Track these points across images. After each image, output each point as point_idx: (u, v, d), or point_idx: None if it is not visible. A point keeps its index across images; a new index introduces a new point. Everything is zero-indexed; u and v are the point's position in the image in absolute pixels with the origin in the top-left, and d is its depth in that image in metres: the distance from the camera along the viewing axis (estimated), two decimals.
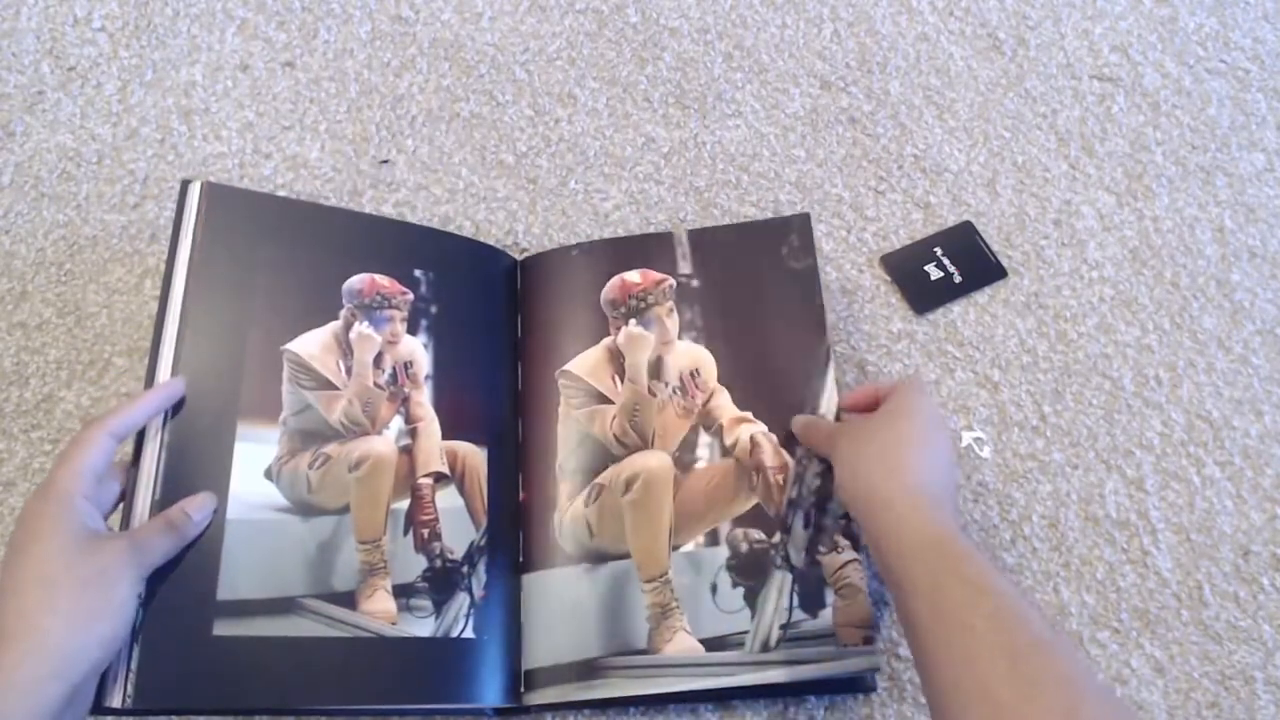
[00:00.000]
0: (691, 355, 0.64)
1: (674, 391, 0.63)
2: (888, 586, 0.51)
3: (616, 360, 0.64)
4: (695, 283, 0.66)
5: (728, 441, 0.62)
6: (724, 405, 0.63)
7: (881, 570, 0.50)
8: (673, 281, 0.66)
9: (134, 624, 0.47)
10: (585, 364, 0.64)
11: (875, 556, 0.51)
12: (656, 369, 0.64)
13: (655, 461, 0.61)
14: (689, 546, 0.60)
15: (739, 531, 0.60)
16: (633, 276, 0.66)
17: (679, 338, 0.65)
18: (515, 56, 0.80)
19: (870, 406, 0.59)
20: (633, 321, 0.64)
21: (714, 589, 0.59)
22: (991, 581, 0.44)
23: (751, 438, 0.61)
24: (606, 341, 0.64)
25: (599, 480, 0.61)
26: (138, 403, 0.51)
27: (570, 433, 0.62)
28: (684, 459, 0.62)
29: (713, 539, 0.60)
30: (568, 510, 0.60)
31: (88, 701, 0.46)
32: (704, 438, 0.62)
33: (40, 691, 0.41)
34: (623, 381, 0.63)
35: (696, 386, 0.63)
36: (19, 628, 0.42)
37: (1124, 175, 0.78)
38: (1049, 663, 0.40)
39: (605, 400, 0.63)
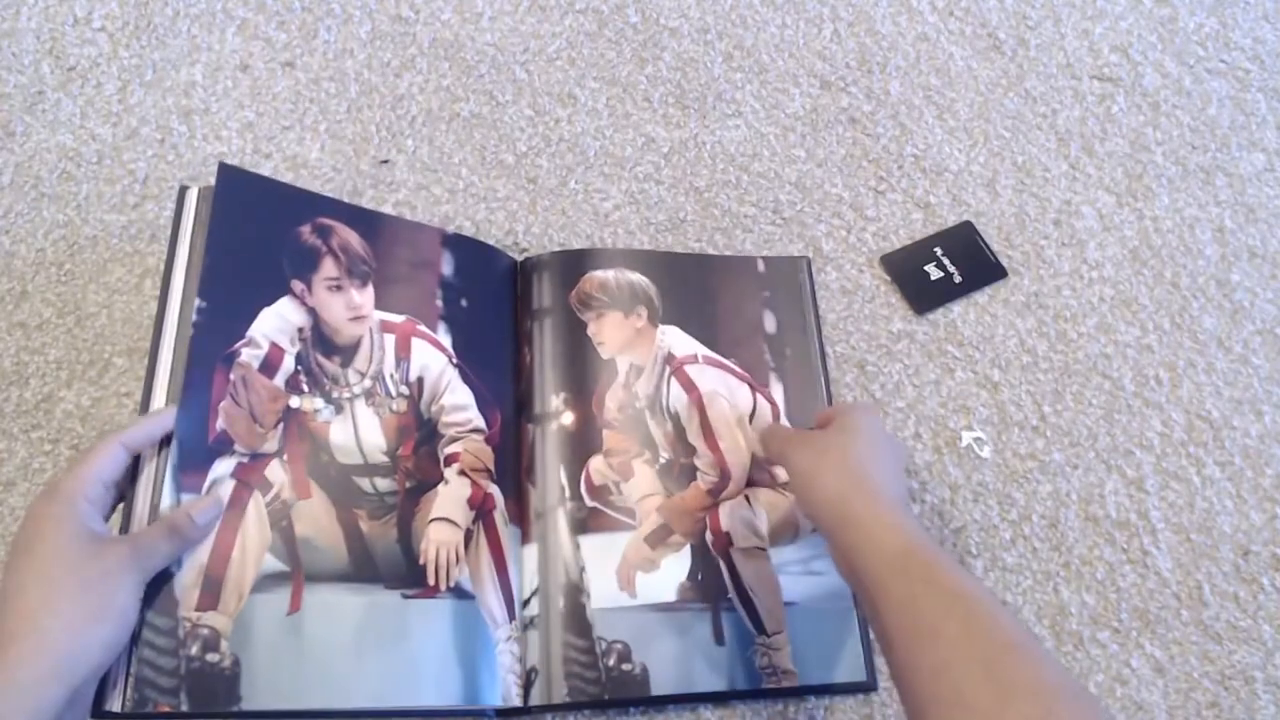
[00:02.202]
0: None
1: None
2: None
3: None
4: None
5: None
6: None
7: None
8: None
9: (134, 628, 0.47)
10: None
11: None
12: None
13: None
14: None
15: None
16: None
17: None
18: (515, 56, 0.80)
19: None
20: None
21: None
22: (964, 586, 0.44)
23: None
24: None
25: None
26: (155, 418, 0.51)
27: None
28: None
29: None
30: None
31: (87, 704, 0.46)
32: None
33: (41, 693, 0.41)
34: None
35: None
36: (21, 628, 0.42)
37: (1124, 175, 0.78)
38: (1023, 666, 0.40)
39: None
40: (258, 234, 0.58)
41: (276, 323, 0.57)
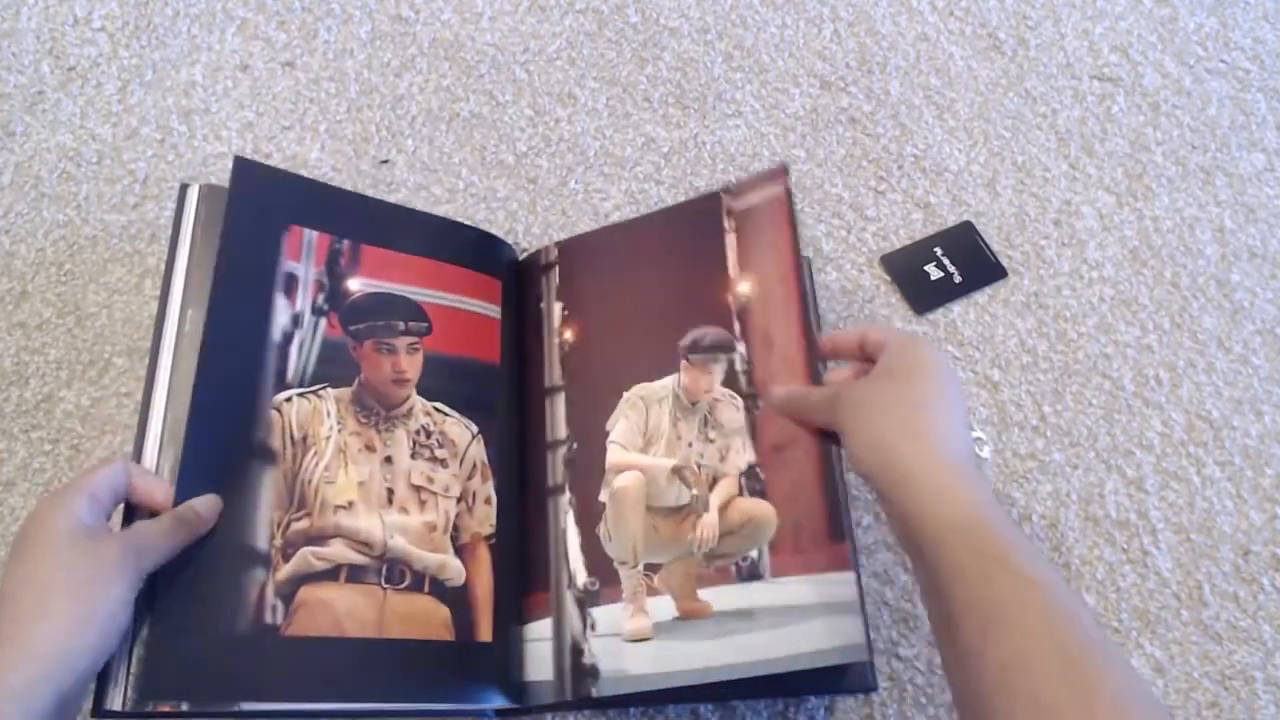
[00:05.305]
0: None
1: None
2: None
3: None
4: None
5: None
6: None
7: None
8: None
9: (128, 628, 0.47)
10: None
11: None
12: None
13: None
14: None
15: None
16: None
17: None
18: (515, 56, 0.80)
19: (854, 353, 0.55)
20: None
21: None
22: (1040, 571, 0.41)
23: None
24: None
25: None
26: (163, 483, 0.51)
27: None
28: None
29: None
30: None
31: (79, 706, 0.45)
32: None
33: (33, 695, 0.41)
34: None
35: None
36: (13, 632, 0.42)
37: (1124, 175, 0.78)
38: (1103, 669, 0.38)
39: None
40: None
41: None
